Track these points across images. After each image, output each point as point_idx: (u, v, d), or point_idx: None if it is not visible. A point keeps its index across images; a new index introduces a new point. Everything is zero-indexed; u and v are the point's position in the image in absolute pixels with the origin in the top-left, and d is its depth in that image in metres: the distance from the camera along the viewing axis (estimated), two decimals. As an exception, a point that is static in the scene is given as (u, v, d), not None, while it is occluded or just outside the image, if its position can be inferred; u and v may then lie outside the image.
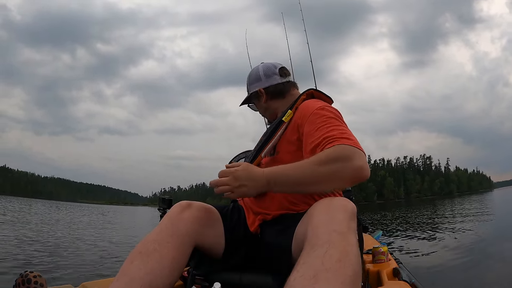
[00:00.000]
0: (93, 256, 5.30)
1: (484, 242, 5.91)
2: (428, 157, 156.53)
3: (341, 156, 1.15)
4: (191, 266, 1.48)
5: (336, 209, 1.06)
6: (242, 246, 1.40)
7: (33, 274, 1.33)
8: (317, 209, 1.10)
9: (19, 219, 14.23)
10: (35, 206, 34.40)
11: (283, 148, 1.47)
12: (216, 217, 1.37)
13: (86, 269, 4.29)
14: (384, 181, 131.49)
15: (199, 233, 1.25)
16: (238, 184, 1.27)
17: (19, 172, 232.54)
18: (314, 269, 0.86)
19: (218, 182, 1.29)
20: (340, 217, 1.02)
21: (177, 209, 1.26)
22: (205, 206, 1.33)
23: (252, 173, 1.29)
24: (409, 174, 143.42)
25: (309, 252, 0.93)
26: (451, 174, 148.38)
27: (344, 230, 0.98)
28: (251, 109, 1.82)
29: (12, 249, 5.38)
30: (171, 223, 1.21)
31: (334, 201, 1.12)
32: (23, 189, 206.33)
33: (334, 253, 0.89)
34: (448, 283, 3.55)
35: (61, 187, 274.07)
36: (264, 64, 1.71)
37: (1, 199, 51.08)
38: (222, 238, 1.35)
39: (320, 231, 0.98)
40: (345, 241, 0.95)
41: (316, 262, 0.88)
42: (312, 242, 0.96)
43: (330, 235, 0.95)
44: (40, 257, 4.83)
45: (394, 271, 1.61)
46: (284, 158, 1.43)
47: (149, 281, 1.04)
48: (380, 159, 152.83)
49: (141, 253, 1.10)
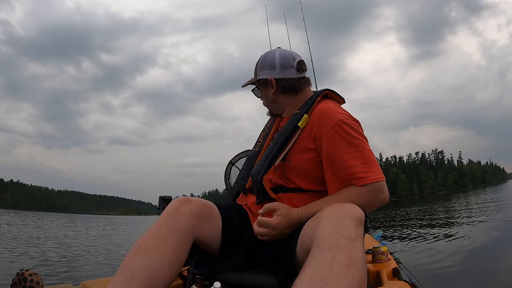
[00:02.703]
0: (94, 255, 5.31)
1: (492, 241, 5.80)
2: (440, 151, 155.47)
3: (371, 196, 1.32)
4: (191, 265, 1.49)
5: (345, 215, 1.07)
6: (242, 246, 1.40)
7: (29, 272, 1.36)
8: (326, 213, 1.11)
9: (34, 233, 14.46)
10: (49, 219, 34.80)
11: (297, 157, 1.45)
12: (214, 213, 1.37)
13: (86, 268, 4.32)
14: (397, 179, 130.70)
15: (198, 228, 1.26)
16: (278, 233, 1.30)
17: (33, 187, 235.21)
18: (322, 273, 0.87)
19: (259, 233, 1.31)
20: (348, 223, 1.04)
21: (176, 204, 1.28)
22: (204, 201, 1.35)
23: (291, 221, 1.31)
24: (422, 170, 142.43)
25: (317, 256, 0.94)
26: (464, 168, 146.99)
27: (352, 236, 1.00)
28: (253, 93, 1.70)
29: (15, 249, 5.42)
30: (170, 218, 1.23)
31: (343, 207, 1.13)
32: (37, 203, 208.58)
33: (342, 258, 0.91)
34: (449, 283, 3.50)
35: (75, 200, 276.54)
36: (281, 51, 1.58)
37: (17, 214, 51.75)
38: (220, 234, 1.36)
39: (328, 235, 0.99)
40: (353, 247, 0.96)
41: (324, 266, 0.89)
42: (320, 246, 0.97)
43: (338, 241, 0.96)
44: (42, 256, 4.86)
45: (394, 271, 1.60)
46: (297, 166, 1.45)
47: (149, 276, 1.06)
48: (392, 157, 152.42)
49: (141, 249, 1.12)
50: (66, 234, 9.92)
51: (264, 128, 1.76)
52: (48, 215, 64.83)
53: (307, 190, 1.46)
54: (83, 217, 62.19)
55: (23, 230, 10.35)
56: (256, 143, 1.70)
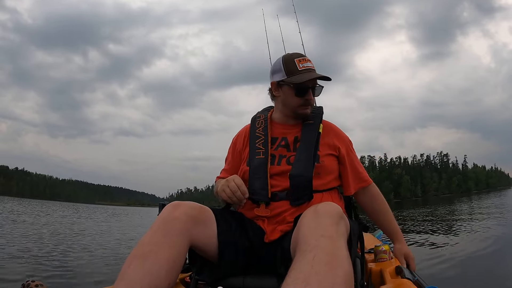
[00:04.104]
0: (96, 264, 5.30)
1: (495, 243, 5.79)
2: (445, 154, 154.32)
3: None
4: (193, 272, 1.50)
5: (322, 214, 1.11)
6: (241, 252, 1.40)
7: (35, 283, 1.38)
8: (306, 216, 1.15)
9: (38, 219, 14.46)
10: (53, 208, 34.83)
11: (325, 159, 1.61)
12: (209, 216, 1.36)
13: (87, 277, 4.29)
14: (400, 180, 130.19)
15: (193, 232, 1.25)
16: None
17: (38, 175, 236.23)
18: (304, 273, 0.90)
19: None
20: (327, 222, 1.07)
21: (169, 208, 1.27)
22: (198, 205, 1.34)
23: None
24: (426, 172, 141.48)
25: (299, 258, 0.97)
26: (468, 172, 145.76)
27: (332, 234, 1.03)
28: (315, 90, 1.67)
29: (17, 254, 5.41)
30: (164, 223, 1.22)
31: (319, 207, 1.16)
32: (41, 191, 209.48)
33: (323, 256, 0.94)
34: (453, 280, 3.52)
35: (79, 189, 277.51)
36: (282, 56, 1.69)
37: (22, 202, 51.97)
38: (215, 239, 1.34)
39: (308, 237, 1.03)
40: (333, 244, 0.99)
41: (306, 267, 0.92)
42: (302, 248, 1.00)
43: (318, 240, 1.00)
44: (44, 264, 4.84)
45: (397, 269, 1.61)
46: (329, 167, 1.62)
47: (148, 283, 1.05)
48: (397, 157, 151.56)
49: (137, 257, 1.11)
50: (68, 232, 9.85)
51: (255, 135, 1.73)
52: (52, 204, 65.00)
53: (334, 187, 1.65)
54: (87, 207, 62.22)
55: (25, 227, 10.31)
56: (256, 151, 1.66)
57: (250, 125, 1.80)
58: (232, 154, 1.81)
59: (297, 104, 1.64)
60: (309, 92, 1.62)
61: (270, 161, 1.60)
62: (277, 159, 1.60)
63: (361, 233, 1.61)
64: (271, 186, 1.54)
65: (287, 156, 1.60)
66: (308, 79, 1.58)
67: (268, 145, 1.65)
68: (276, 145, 1.66)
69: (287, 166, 1.56)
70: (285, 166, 1.57)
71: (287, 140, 1.66)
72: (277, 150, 1.64)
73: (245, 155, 1.71)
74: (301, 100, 1.63)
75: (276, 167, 1.58)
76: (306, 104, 1.64)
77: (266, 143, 1.66)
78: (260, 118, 1.79)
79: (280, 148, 1.65)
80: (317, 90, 1.66)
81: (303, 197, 1.50)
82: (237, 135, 1.85)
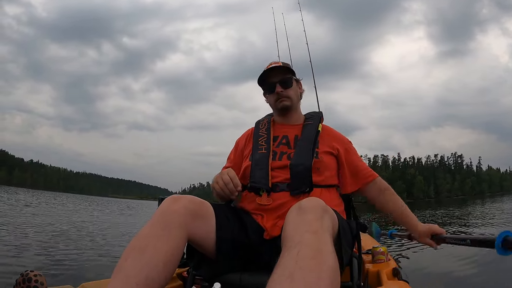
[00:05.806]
0: (94, 256, 5.32)
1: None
2: (459, 155, 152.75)
3: None
4: (191, 267, 1.50)
5: (306, 210, 1.10)
6: (240, 248, 1.40)
7: (34, 273, 1.38)
8: (291, 212, 1.14)
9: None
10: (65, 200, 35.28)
11: (324, 156, 1.66)
12: (209, 211, 1.36)
13: (86, 269, 4.30)
14: (414, 180, 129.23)
15: (191, 226, 1.25)
16: None
17: (52, 168, 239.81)
18: (289, 269, 0.90)
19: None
20: (311, 218, 1.06)
21: (168, 202, 1.26)
22: (198, 199, 1.34)
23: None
24: (440, 173, 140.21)
25: (284, 255, 0.97)
26: (482, 174, 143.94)
27: (316, 229, 1.02)
28: (283, 81, 1.75)
29: (14, 248, 5.46)
30: (163, 216, 1.21)
31: (303, 203, 1.15)
32: (55, 184, 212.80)
33: (307, 252, 0.94)
34: (449, 283, 3.49)
35: (93, 182, 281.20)
36: None
37: (37, 193, 52.81)
38: (213, 234, 1.34)
39: (293, 233, 1.03)
40: (317, 239, 0.99)
41: (290, 262, 0.92)
42: (288, 245, 1.00)
43: (302, 236, 0.99)
44: (41, 257, 4.88)
45: (394, 271, 1.61)
46: (328, 163, 1.66)
47: (145, 276, 1.05)
48: (410, 157, 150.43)
49: (135, 249, 1.11)
50: (71, 226, 9.90)
51: (258, 134, 1.80)
52: (65, 196, 65.89)
53: (333, 185, 1.68)
54: (101, 200, 62.85)
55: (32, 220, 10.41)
56: (258, 147, 1.73)
57: (254, 127, 1.89)
58: (234, 153, 1.89)
59: (273, 100, 1.79)
60: (276, 86, 1.74)
61: (272, 156, 1.66)
62: (278, 155, 1.67)
63: (358, 233, 1.60)
64: (272, 177, 1.59)
65: (287, 153, 1.66)
66: (259, 75, 1.77)
67: (270, 142, 1.73)
68: (278, 143, 1.73)
69: (288, 161, 1.61)
70: (286, 161, 1.62)
71: (288, 138, 1.74)
72: (279, 147, 1.71)
73: (248, 152, 1.78)
74: (274, 96, 1.77)
75: (278, 162, 1.63)
76: (278, 97, 1.76)
77: (269, 140, 1.74)
78: (263, 121, 1.89)
79: (281, 145, 1.71)
80: (287, 82, 1.76)
81: (302, 187, 1.54)
82: (240, 137, 1.93)
